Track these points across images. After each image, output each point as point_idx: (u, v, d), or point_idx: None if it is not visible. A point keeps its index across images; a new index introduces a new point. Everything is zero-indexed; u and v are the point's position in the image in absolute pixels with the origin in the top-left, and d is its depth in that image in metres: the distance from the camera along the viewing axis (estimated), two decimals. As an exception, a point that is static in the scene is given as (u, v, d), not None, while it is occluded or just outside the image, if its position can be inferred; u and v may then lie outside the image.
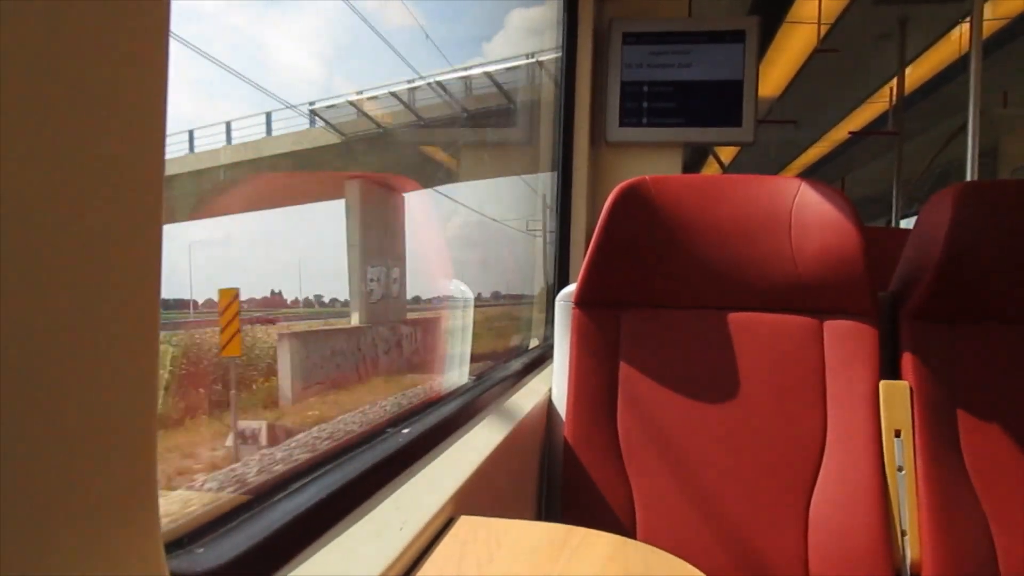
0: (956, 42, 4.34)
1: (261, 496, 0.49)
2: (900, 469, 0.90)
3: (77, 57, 0.23)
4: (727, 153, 6.99)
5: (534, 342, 1.75)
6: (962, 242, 0.91)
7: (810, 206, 0.94)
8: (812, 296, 0.96)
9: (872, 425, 0.91)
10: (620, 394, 0.98)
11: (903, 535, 0.89)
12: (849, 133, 6.03)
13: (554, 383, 1.04)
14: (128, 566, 0.27)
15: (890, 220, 6.01)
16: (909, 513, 0.89)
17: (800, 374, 0.95)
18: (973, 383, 0.93)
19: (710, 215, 0.97)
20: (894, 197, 4.99)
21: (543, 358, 1.34)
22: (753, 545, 0.90)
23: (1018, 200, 0.92)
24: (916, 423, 0.91)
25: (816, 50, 4.29)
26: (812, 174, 8.15)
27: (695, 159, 6.71)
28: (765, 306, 0.98)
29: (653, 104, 1.81)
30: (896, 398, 0.92)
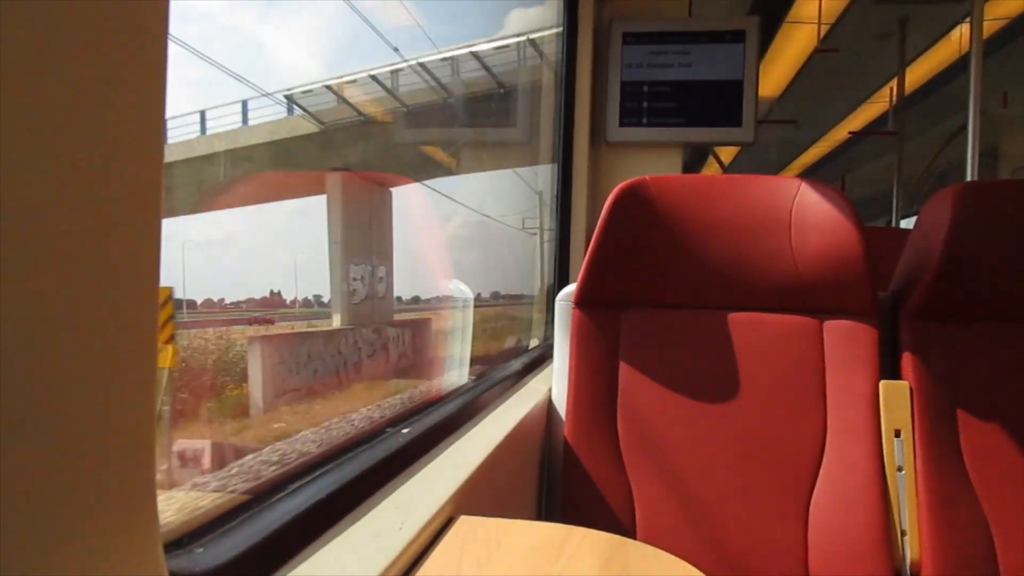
0: (956, 42, 4.33)
1: (261, 496, 0.49)
2: (900, 469, 0.90)
3: (76, 57, 0.23)
4: (727, 153, 6.98)
5: (533, 342, 1.75)
6: (962, 242, 0.91)
7: (810, 206, 0.94)
8: (812, 296, 0.95)
9: (872, 425, 0.91)
10: (620, 394, 0.98)
11: (903, 535, 0.89)
12: (849, 133, 6.02)
13: (554, 383, 1.04)
14: (127, 566, 0.27)
15: (890, 220, 6.01)
16: (909, 513, 0.89)
17: (800, 374, 0.95)
18: (973, 383, 0.93)
19: (710, 215, 0.97)
20: (894, 197, 4.99)
21: (543, 358, 1.34)
22: (753, 545, 0.90)
23: (1018, 200, 0.92)
24: (916, 423, 0.91)
25: (816, 50, 4.28)
26: (812, 174, 8.14)
27: (695, 159, 6.70)
28: (765, 306, 0.98)
29: (653, 104, 1.81)
30: (896, 398, 0.92)
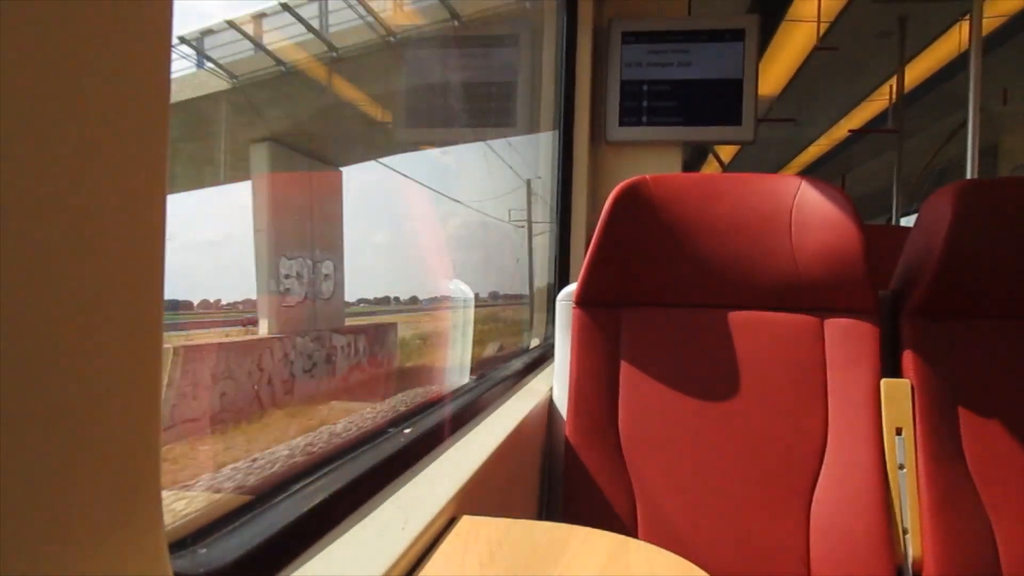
0: (956, 39, 4.33)
1: (264, 496, 0.49)
2: (901, 467, 0.90)
3: (79, 57, 0.23)
4: (727, 152, 6.98)
5: (534, 341, 1.75)
6: (963, 240, 0.91)
7: (810, 204, 0.94)
8: (813, 294, 0.96)
9: (873, 423, 0.91)
10: (621, 393, 0.98)
11: (904, 533, 0.89)
12: (849, 131, 6.02)
13: (555, 383, 1.04)
14: (132, 565, 0.27)
15: (890, 218, 6.00)
16: (911, 511, 0.89)
17: (801, 373, 0.95)
18: (974, 381, 0.94)
19: (710, 214, 0.97)
20: (894, 195, 4.99)
21: (544, 358, 1.34)
22: (754, 543, 0.90)
23: (1019, 198, 0.92)
24: (917, 421, 0.91)
25: (816, 48, 4.28)
26: (812, 172, 8.13)
27: (695, 158, 6.70)
28: (766, 305, 0.98)
29: (653, 103, 1.81)
30: (897, 396, 0.92)
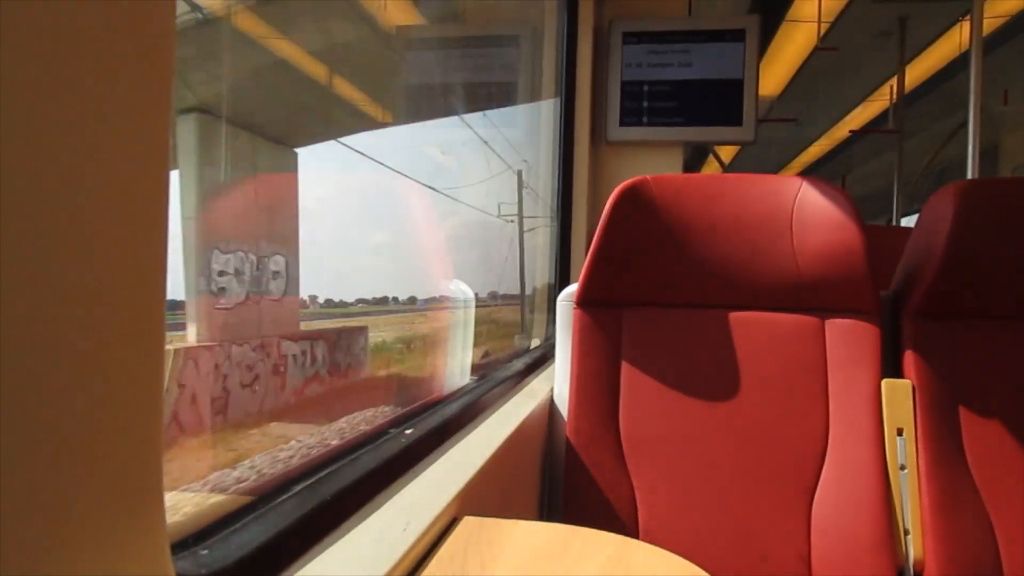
0: (956, 40, 4.33)
1: (265, 497, 0.49)
2: (903, 468, 0.90)
3: (81, 57, 0.23)
4: (727, 152, 6.98)
5: (535, 343, 1.74)
6: (964, 240, 0.91)
7: (811, 204, 0.94)
8: (814, 295, 0.96)
9: (874, 424, 0.91)
10: (622, 394, 0.98)
11: (906, 534, 0.89)
12: (850, 131, 6.01)
13: (556, 383, 1.04)
14: (134, 566, 0.27)
15: (890, 218, 6.00)
16: (912, 512, 0.89)
17: (802, 373, 0.95)
18: (975, 381, 0.93)
19: (711, 214, 0.97)
20: (895, 195, 4.98)
21: (544, 358, 1.34)
22: (756, 544, 0.90)
23: (1020, 198, 0.92)
24: (918, 422, 0.91)
25: (816, 48, 4.28)
26: (813, 173, 8.13)
27: (695, 158, 6.70)
28: (767, 305, 0.98)
29: (653, 103, 1.81)
30: (898, 397, 0.92)
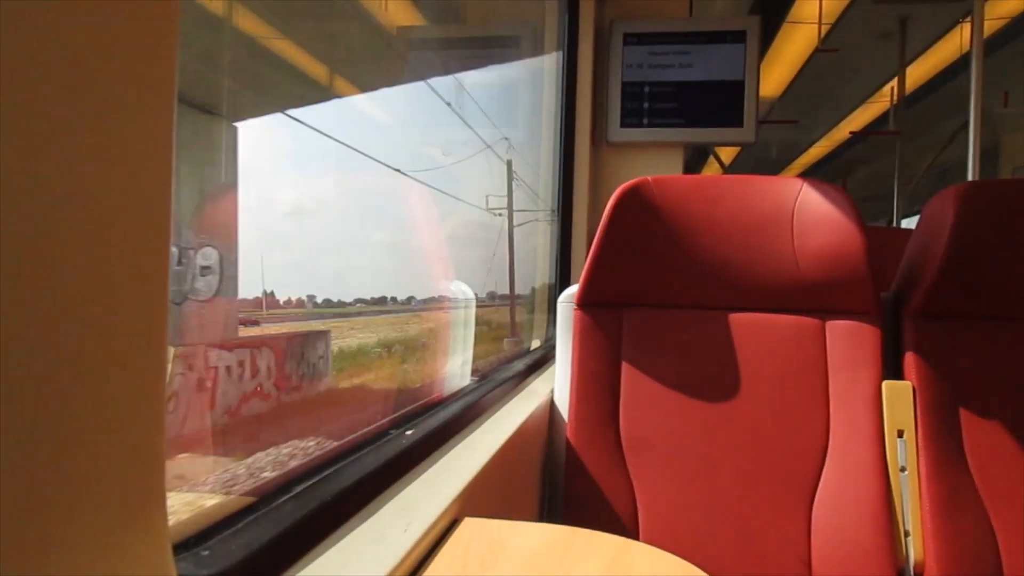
0: (957, 41, 4.33)
1: (266, 498, 0.49)
2: (903, 469, 0.90)
3: (84, 58, 0.23)
4: (727, 153, 6.97)
5: (535, 344, 1.74)
6: (965, 241, 0.91)
7: (812, 206, 0.94)
8: (814, 296, 0.96)
9: (875, 425, 0.91)
10: (622, 395, 0.98)
11: (906, 535, 0.89)
12: (850, 133, 6.01)
13: (556, 384, 1.04)
14: (136, 567, 0.27)
15: (890, 219, 6.00)
16: (912, 514, 0.89)
17: (803, 374, 0.95)
18: (976, 383, 0.93)
19: (712, 215, 0.97)
20: (895, 197, 4.99)
21: (545, 359, 1.34)
22: (756, 545, 0.90)
23: (1020, 199, 0.92)
24: (919, 423, 0.91)
25: (817, 50, 4.28)
26: (813, 174, 8.12)
27: (695, 159, 6.69)
28: (767, 306, 0.98)
29: (654, 104, 1.81)
30: (899, 398, 0.92)
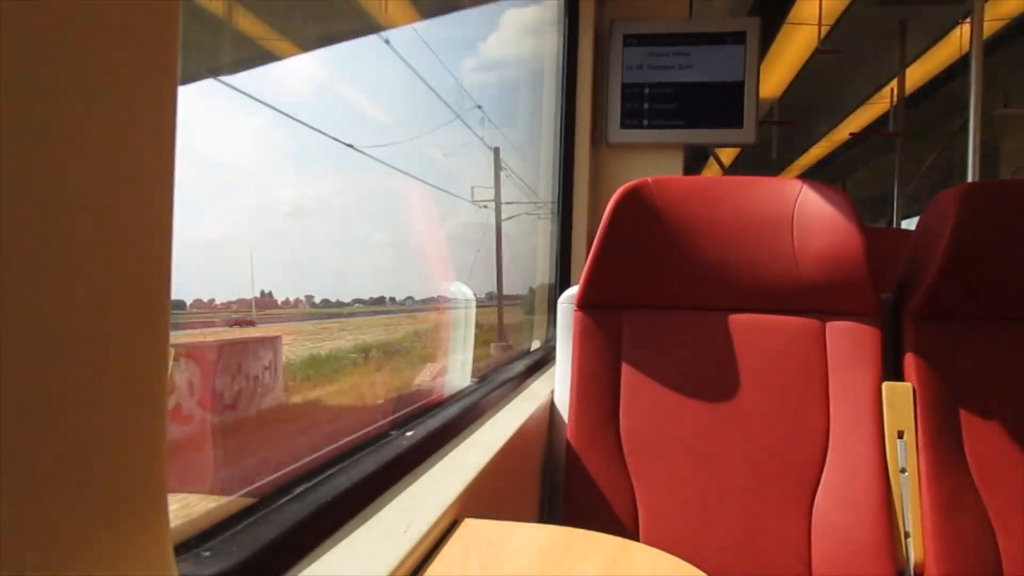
0: (957, 42, 4.33)
1: (267, 499, 0.49)
2: (903, 470, 0.90)
3: (85, 58, 0.23)
4: (727, 154, 6.98)
5: (534, 345, 1.74)
6: (965, 242, 0.91)
7: (812, 207, 0.95)
8: (814, 297, 0.96)
9: (875, 426, 0.91)
10: (622, 396, 0.98)
11: (906, 536, 0.89)
12: (850, 134, 6.01)
13: (556, 385, 1.04)
14: (137, 568, 0.27)
15: (890, 220, 5.99)
16: (912, 515, 0.89)
17: (803, 376, 0.95)
18: (976, 384, 0.93)
19: (712, 216, 0.97)
20: (895, 198, 4.99)
21: (545, 360, 1.34)
22: (756, 547, 0.90)
23: (1020, 200, 0.92)
24: (919, 424, 0.91)
25: (817, 51, 4.28)
26: (813, 175, 8.13)
27: (695, 160, 6.69)
28: (767, 307, 0.98)
29: (654, 106, 1.81)
30: (899, 399, 0.92)
